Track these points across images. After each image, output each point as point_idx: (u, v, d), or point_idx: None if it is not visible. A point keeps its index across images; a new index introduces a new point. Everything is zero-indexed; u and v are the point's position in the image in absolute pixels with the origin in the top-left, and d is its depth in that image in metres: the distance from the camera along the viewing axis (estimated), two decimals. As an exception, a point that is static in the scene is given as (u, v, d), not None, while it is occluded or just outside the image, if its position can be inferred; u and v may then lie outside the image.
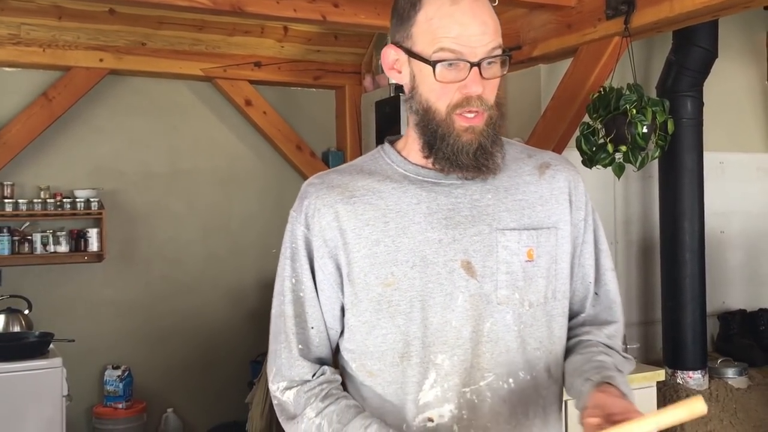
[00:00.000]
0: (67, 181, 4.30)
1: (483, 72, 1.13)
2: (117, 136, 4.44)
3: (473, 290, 1.18)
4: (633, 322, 3.87)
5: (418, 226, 1.18)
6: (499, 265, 1.19)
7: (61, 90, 4.21)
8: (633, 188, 3.89)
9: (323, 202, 1.21)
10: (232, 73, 4.54)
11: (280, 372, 1.23)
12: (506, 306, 1.19)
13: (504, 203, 1.22)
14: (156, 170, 4.54)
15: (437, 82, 1.14)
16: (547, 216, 1.24)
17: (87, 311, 4.31)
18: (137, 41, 4.27)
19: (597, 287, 1.32)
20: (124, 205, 4.46)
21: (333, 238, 1.20)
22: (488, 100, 1.16)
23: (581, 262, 1.29)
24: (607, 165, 2.95)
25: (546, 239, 1.22)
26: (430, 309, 1.17)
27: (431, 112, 1.17)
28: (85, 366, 4.24)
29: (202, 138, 4.63)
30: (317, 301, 1.23)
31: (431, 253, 1.18)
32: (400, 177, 1.22)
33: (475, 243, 1.19)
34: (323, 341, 1.25)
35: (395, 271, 1.17)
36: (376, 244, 1.18)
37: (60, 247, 4.20)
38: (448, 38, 1.12)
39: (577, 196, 1.27)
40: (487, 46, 1.13)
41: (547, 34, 3.36)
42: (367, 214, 1.19)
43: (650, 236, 3.92)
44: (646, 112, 2.84)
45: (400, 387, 1.19)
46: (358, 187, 1.22)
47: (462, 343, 1.18)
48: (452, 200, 1.20)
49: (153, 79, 4.49)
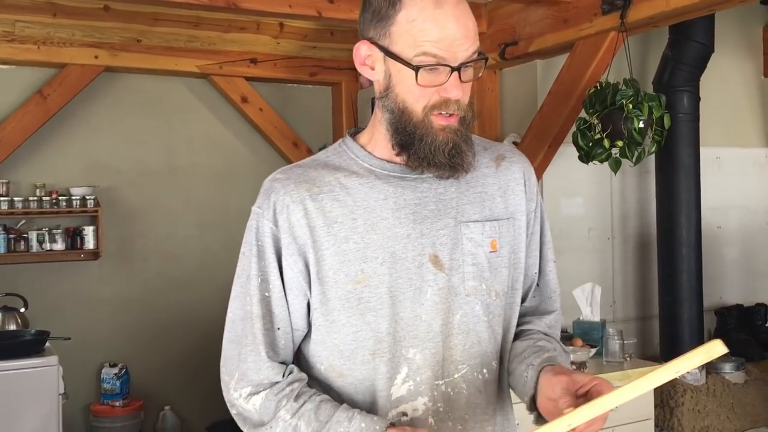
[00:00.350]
0: (63, 179, 4.29)
1: (462, 75, 1.14)
2: (112, 133, 4.42)
3: (442, 283, 1.18)
4: (630, 317, 3.87)
5: (387, 221, 1.18)
6: (465, 257, 1.20)
7: (56, 87, 4.19)
8: (630, 183, 3.89)
9: (292, 198, 1.19)
10: (228, 69, 4.52)
11: (245, 377, 1.18)
12: (474, 297, 1.20)
13: (466, 196, 1.23)
14: (152, 167, 4.53)
15: (417, 86, 1.13)
16: (506, 207, 1.26)
17: (83, 309, 4.30)
18: (132, 38, 4.25)
19: (539, 278, 1.34)
20: (120, 203, 4.44)
21: (302, 235, 1.18)
22: (464, 103, 1.17)
23: (529, 253, 1.31)
24: (603, 160, 2.95)
25: (506, 230, 1.24)
26: (400, 304, 1.17)
27: (407, 113, 1.16)
28: (82, 364, 4.23)
29: (197, 135, 4.62)
30: (284, 301, 1.20)
31: (400, 248, 1.18)
32: (365, 172, 1.21)
33: (442, 236, 1.19)
34: (288, 343, 1.21)
35: (365, 268, 1.17)
36: (345, 241, 1.17)
37: (56, 245, 4.19)
38: (430, 42, 1.11)
39: (530, 187, 1.30)
40: (468, 51, 1.13)
41: (543, 29, 3.35)
42: (335, 210, 1.18)
43: (647, 231, 3.92)
44: (643, 107, 2.83)
45: (372, 384, 1.18)
46: (325, 182, 1.20)
47: (432, 336, 1.18)
48: (418, 195, 1.20)
49: (148, 76, 4.48)
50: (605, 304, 3.72)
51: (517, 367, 1.24)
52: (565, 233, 3.64)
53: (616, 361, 2.86)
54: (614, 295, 3.82)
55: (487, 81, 3.81)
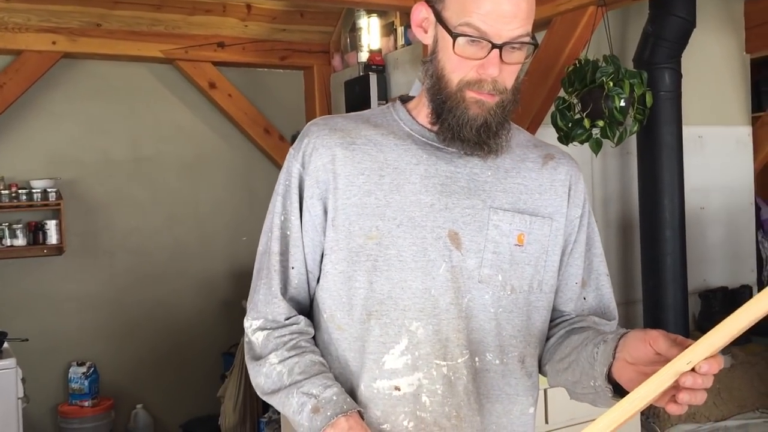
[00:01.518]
0: (23, 171, 4.11)
1: (504, 56, 1.10)
2: (74, 122, 4.24)
3: (455, 262, 1.16)
4: (613, 302, 3.77)
5: (413, 186, 1.17)
6: (488, 243, 1.17)
7: (12, 75, 4.01)
8: (611, 165, 3.78)
9: (323, 142, 1.19)
10: (194, 54, 4.35)
11: (255, 307, 1.22)
12: (486, 285, 1.17)
13: (502, 183, 1.20)
14: (116, 158, 4.35)
15: (454, 55, 1.11)
16: (544, 205, 1.22)
17: (48, 307, 4.14)
18: (92, 22, 4.07)
19: (589, 291, 1.28)
20: (83, 195, 4.27)
21: (325, 180, 1.18)
22: (503, 85, 1.13)
23: (570, 262, 1.26)
24: (584, 141, 2.83)
25: (539, 228, 1.20)
26: (410, 272, 1.15)
27: (443, 81, 1.14)
28: (48, 364, 4.08)
29: (164, 123, 4.45)
30: (301, 242, 1.21)
31: (420, 215, 1.16)
32: (404, 135, 1.21)
33: (466, 216, 1.17)
34: (302, 283, 1.22)
35: (380, 226, 1.15)
36: (367, 194, 1.16)
37: (17, 241, 4.02)
38: (477, 14, 1.08)
39: (576, 193, 1.26)
40: (514, 32, 1.09)
41: (519, 5, 3.21)
42: (364, 163, 1.18)
43: (629, 214, 3.81)
44: (624, 84, 2.72)
45: (362, 345, 1.17)
46: (361, 135, 1.20)
47: (438, 312, 1.15)
48: (452, 168, 1.18)
49: (110, 62, 4.30)
50: (588, 289, 3.62)
51: (581, 353, 1.14)
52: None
53: (599, 350, 2.75)
54: (597, 280, 3.72)
55: (463, 61, 3.67)
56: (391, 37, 4.19)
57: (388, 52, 4.19)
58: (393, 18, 4.21)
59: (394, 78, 4.14)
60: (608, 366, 1.07)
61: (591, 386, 1.11)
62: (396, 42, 4.15)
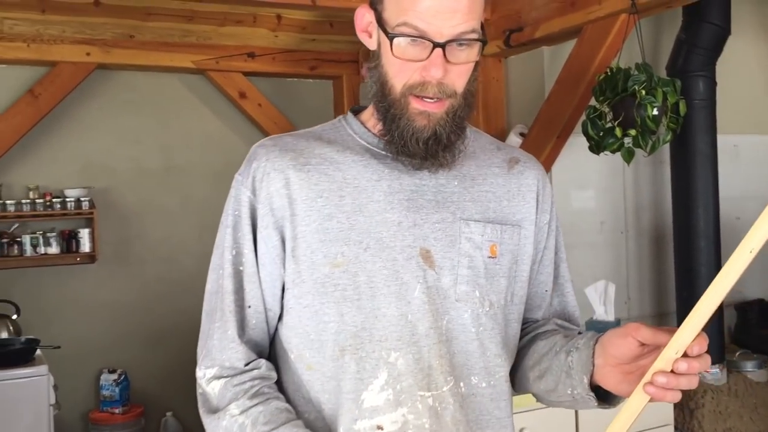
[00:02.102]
0: (57, 180, 4.17)
1: (449, 55, 1.01)
2: (107, 132, 4.30)
3: (430, 282, 1.07)
4: (645, 314, 3.71)
5: (377, 204, 1.08)
6: (461, 258, 1.08)
7: (48, 86, 4.07)
8: (644, 174, 3.72)
9: (273, 165, 1.08)
10: (225, 64, 4.39)
11: (210, 354, 1.09)
12: (464, 304, 1.08)
13: (470, 192, 1.12)
14: (148, 166, 4.40)
15: (395, 58, 1.03)
16: (512, 212, 1.15)
17: (80, 314, 4.19)
18: (125, 34, 4.12)
19: (555, 296, 1.23)
20: (116, 204, 4.32)
21: (281, 206, 1.07)
22: (451, 87, 1.04)
23: (540, 269, 1.20)
24: (615, 150, 2.78)
25: (509, 237, 1.13)
26: (383, 299, 1.05)
27: (387, 87, 1.06)
28: (79, 371, 4.12)
29: (195, 132, 4.49)
30: (257, 278, 1.10)
31: (389, 235, 1.07)
32: (361, 149, 1.11)
33: (437, 231, 1.08)
34: (260, 323, 1.11)
35: (346, 251, 1.06)
36: (328, 218, 1.07)
37: (50, 249, 4.08)
38: (414, 12, 1.00)
39: (544, 198, 1.19)
40: (457, 28, 1.01)
41: (550, 13, 3.18)
42: (322, 184, 1.08)
43: (662, 224, 3.75)
44: (656, 93, 2.67)
45: (338, 384, 1.06)
46: (315, 154, 1.10)
47: (417, 339, 1.06)
48: (416, 181, 1.10)
49: (142, 73, 4.35)
50: (619, 301, 3.56)
51: (553, 361, 1.11)
52: (576, 228, 3.48)
53: (632, 363, 2.70)
54: (629, 291, 3.66)
55: (492, 70, 3.65)
56: (420, 47, 4.18)
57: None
58: (422, 27, 4.21)
59: (423, 87, 4.13)
60: (589, 375, 1.04)
61: (569, 394, 1.08)
62: (425, 51, 4.14)
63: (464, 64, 1.04)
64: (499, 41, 3.46)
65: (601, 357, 1.02)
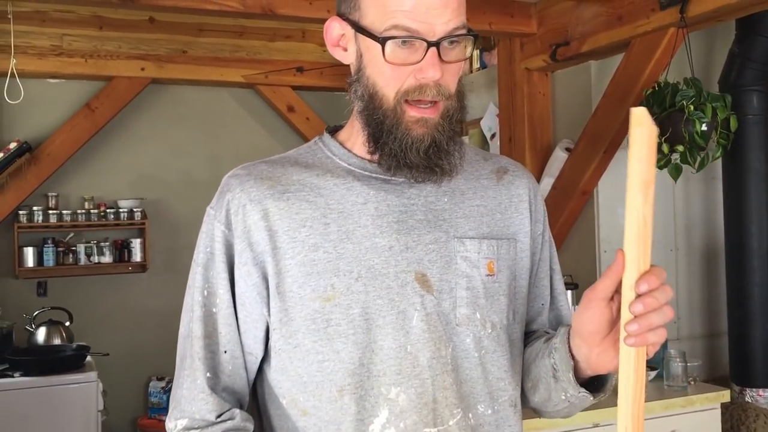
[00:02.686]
0: (111, 191, 4.30)
1: (443, 54, 0.96)
2: (159, 144, 4.42)
3: (430, 308, 0.99)
4: (696, 335, 3.61)
5: (365, 230, 1.00)
6: (459, 280, 1.01)
7: (104, 100, 4.21)
8: (694, 190, 3.63)
9: (249, 196, 1.00)
10: (274, 79, 4.47)
11: (179, 405, 1.00)
12: (466, 328, 1.01)
13: (461, 208, 1.05)
14: (198, 178, 4.50)
15: (387, 64, 0.96)
16: (506, 225, 1.08)
17: (131, 322, 4.30)
18: (178, 49, 4.24)
19: (551, 311, 1.17)
20: (166, 214, 4.42)
21: (260, 240, 0.99)
22: (447, 88, 0.98)
23: (536, 282, 1.14)
24: (662, 167, 2.72)
25: (506, 251, 1.06)
26: (378, 330, 0.97)
27: (377, 98, 0.98)
28: (129, 377, 4.22)
29: (243, 145, 4.57)
30: (234, 319, 1.01)
31: (380, 262, 0.99)
32: (343, 172, 1.03)
33: (431, 252, 1.01)
34: (237, 369, 1.02)
35: (336, 283, 0.98)
36: (313, 249, 0.98)
37: (104, 258, 4.20)
38: (401, 12, 0.94)
39: (537, 207, 1.13)
40: (449, 24, 0.95)
41: (597, 27, 3.14)
42: (304, 213, 1.00)
43: (714, 242, 3.64)
44: (706, 108, 2.60)
45: (338, 428, 0.98)
46: (293, 181, 1.02)
47: (419, 372, 0.98)
48: (404, 201, 1.02)
49: (194, 87, 4.46)
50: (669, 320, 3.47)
51: (540, 369, 1.05)
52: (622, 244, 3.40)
53: (678, 385, 2.62)
54: (678, 310, 3.56)
55: (539, 84, 3.62)
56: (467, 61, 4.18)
57: (463, 75, 4.18)
58: (469, 41, 4.20)
59: (469, 101, 4.08)
60: (571, 371, 0.98)
61: (563, 399, 1.02)
62: (471, 65, 4.14)
63: (457, 62, 0.99)
64: (545, 55, 3.43)
65: (583, 343, 0.94)
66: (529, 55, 3.56)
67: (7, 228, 4.03)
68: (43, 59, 3.97)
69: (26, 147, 3.96)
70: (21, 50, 3.82)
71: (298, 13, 3.10)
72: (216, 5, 2.98)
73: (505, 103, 3.71)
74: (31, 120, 4.12)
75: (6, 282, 4.05)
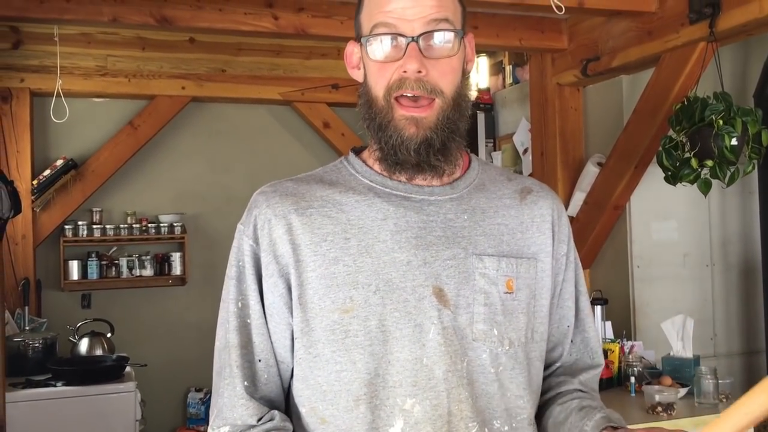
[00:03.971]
0: (152, 207, 4.42)
1: (425, 50, 1.00)
2: (199, 161, 4.54)
3: (447, 322, 1.01)
4: (733, 352, 3.54)
5: (384, 245, 1.03)
6: (476, 296, 1.03)
7: (146, 118, 4.35)
8: (731, 205, 3.57)
9: (274, 211, 1.05)
10: (310, 96, 4.55)
11: (221, 413, 1.04)
12: (482, 343, 1.03)
13: (481, 226, 1.07)
14: (236, 193, 4.58)
15: (374, 63, 1.02)
16: (527, 245, 1.10)
17: (170, 334, 4.40)
18: (217, 68, 4.36)
19: (578, 334, 1.17)
20: (205, 229, 4.53)
21: (284, 253, 1.03)
22: (433, 84, 1.01)
23: (560, 303, 1.15)
24: (692, 181, 2.70)
25: (526, 270, 1.08)
26: (395, 342, 1.00)
27: (371, 99, 1.04)
28: (168, 388, 4.31)
29: (281, 161, 4.66)
30: (266, 329, 1.05)
31: (398, 276, 1.01)
32: (364, 189, 1.07)
33: (449, 268, 1.03)
34: (272, 377, 1.06)
35: (354, 296, 1.01)
36: (334, 262, 1.02)
37: (145, 271, 4.32)
38: (383, 12, 1.01)
39: (560, 228, 1.14)
40: (427, 18, 1.00)
41: (627, 42, 3.14)
42: (326, 228, 1.04)
43: (752, 257, 3.58)
44: (735, 122, 2.58)
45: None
46: (316, 197, 1.06)
47: (434, 384, 1.00)
48: (423, 218, 1.05)
49: (233, 105, 4.57)
50: (705, 337, 3.42)
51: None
52: (656, 260, 3.37)
53: (709, 402, 2.58)
54: (715, 327, 3.51)
55: (570, 99, 3.62)
56: (500, 76, 4.20)
57: (496, 90, 4.21)
58: (501, 57, 4.23)
59: (502, 116, 4.14)
60: None
61: None
62: (504, 80, 4.16)
63: (444, 59, 1.01)
64: (576, 70, 3.44)
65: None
66: (560, 70, 3.57)
67: (53, 242, 4.18)
68: (89, 79, 4.12)
69: (72, 164, 4.10)
70: (67, 71, 3.97)
71: (329, 32, 3.17)
72: (250, 26, 3.07)
73: (537, 118, 3.72)
74: (76, 138, 4.27)
75: (52, 294, 4.20)
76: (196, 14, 2.98)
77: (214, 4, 3.00)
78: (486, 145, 4.10)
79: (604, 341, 2.93)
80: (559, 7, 2.72)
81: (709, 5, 2.70)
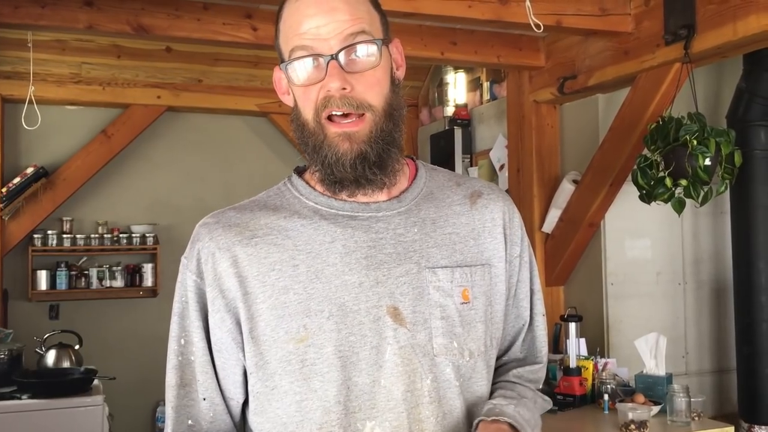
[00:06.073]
0: (125, 217, 4.36)
1: (346, 66, 0.97)
2: (173, 171, 4.49)
3: (403, 341, 0.99)
4: (704, 370, 3.57)
5: (334, 268, 1.00)
6: (432, 310, 1.01)
7: (120, 127, 4.30)
8: (703, 225, 3.62)
9: (218, 244, 1.02)
10: (287, 107, 4.49)
11: None
12: (444, 358, 1.01)
13: (432, 237, 1.05)
14: (211, 205, 4.49)
15: (299, 88, 1.00)
16: (480, 251, 1.08)
17: (140, 347, 4.33)
18: (194, 78, 4.32)
19: (529, 332, 1.17)
20: (179, 240, 4.46)
21: (231, 287, 1.00)
22: (360, 98, 0.98)
23: (516, 303, 1.14)
24: (666, 200, 2.73)
25: (480, 278, 1.06)
26: (353, 367, 0.98)
27: (303, 123, 1.02)
28: (137, 402, 4.24)
29: (257, 172, 4.63)
30: (211, 367, 1.02)
31: (350, 299, 0.99)
32: (309, 212, 1.04)
33: (402, 285, 1.01)
34: (219, 415, 1.03)
35: (308, 324, 0.98)
36: (284, 292, 0.99)
37: (115, 282, 4.25)
38: (297, 36, 0.98)
39: (512, 230, 1.12)
40: (343, 34, 0.97)
41: (603, 61, 3.17)
42: (273, 256, 1.01)
43: (723, 277, 3.62)
44: (709, 143, 2.61)
45: None
46: (261, 225, 1.03)
47: (393, 405, 0.98)
48: (372, 236, 1.02)
49: (209, 115, 4.54)
50: (677, 355, 3.44)
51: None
52: (630, 277, 3.40)
53: (681, 420, 2.59)
54: (687, 345, 3.54)
55: (547, 116, 3.65)
56: (477, 92, 4.22)
57: (473, 106, 4.22)
58: (479, 73, 4.25)
59: (479, 132, 4.16)
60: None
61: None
62: (482, 97, 4.18)
63: (368, 72, 0.99)
64: (553, 88, 3.46)
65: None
66: (537, 87, 3.60)
67: (21, 251, 4.10)
68: (62, 86, 4.07)
69: (42, 172, 4.04)
70: (40, 77, 3.91)
71: (308, 44, 3.16)
72: (229, 36, 3.05)
73: (514, 134, 3.74)
74: (48, 146, 4.21)
75: (19, 304, 4.11)
76: (173, 23, 2.95)
77: (192, 13, 2.97)
78: (463, 160, 4.11)
79: (578, 358, 2.93)
80: (538, 25, 2.74)
81: (684, 27, 2.74)
